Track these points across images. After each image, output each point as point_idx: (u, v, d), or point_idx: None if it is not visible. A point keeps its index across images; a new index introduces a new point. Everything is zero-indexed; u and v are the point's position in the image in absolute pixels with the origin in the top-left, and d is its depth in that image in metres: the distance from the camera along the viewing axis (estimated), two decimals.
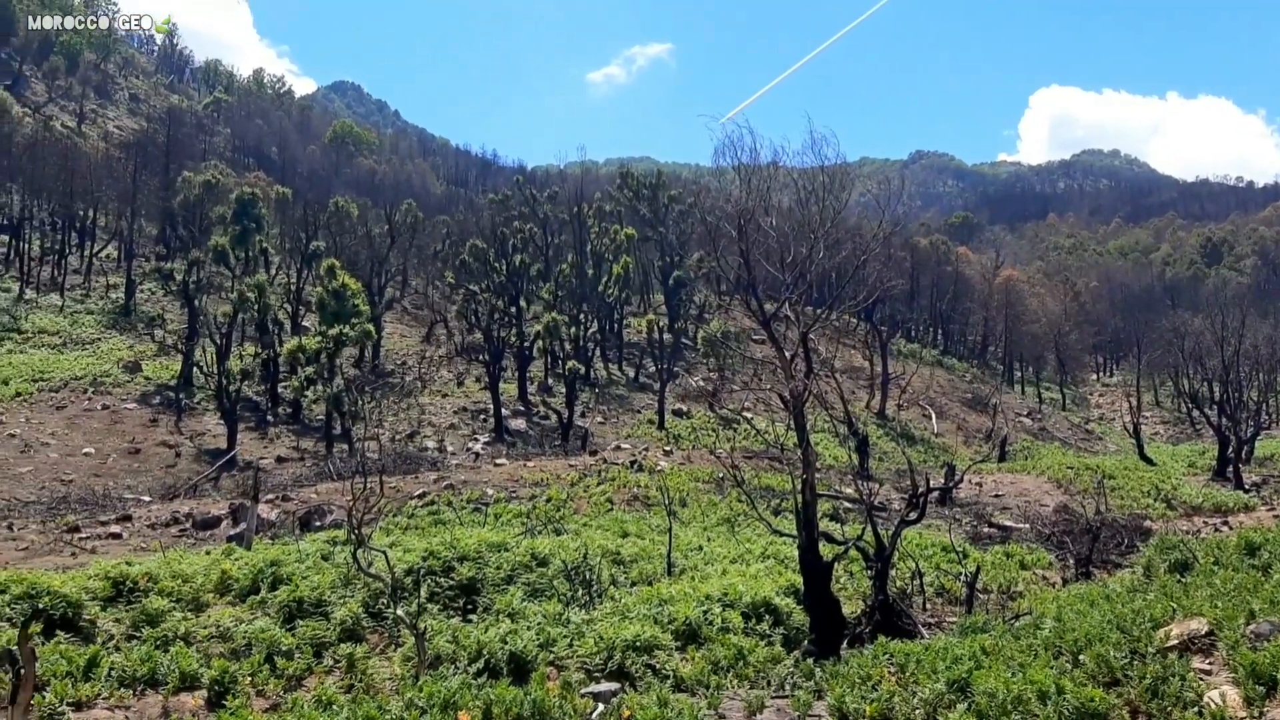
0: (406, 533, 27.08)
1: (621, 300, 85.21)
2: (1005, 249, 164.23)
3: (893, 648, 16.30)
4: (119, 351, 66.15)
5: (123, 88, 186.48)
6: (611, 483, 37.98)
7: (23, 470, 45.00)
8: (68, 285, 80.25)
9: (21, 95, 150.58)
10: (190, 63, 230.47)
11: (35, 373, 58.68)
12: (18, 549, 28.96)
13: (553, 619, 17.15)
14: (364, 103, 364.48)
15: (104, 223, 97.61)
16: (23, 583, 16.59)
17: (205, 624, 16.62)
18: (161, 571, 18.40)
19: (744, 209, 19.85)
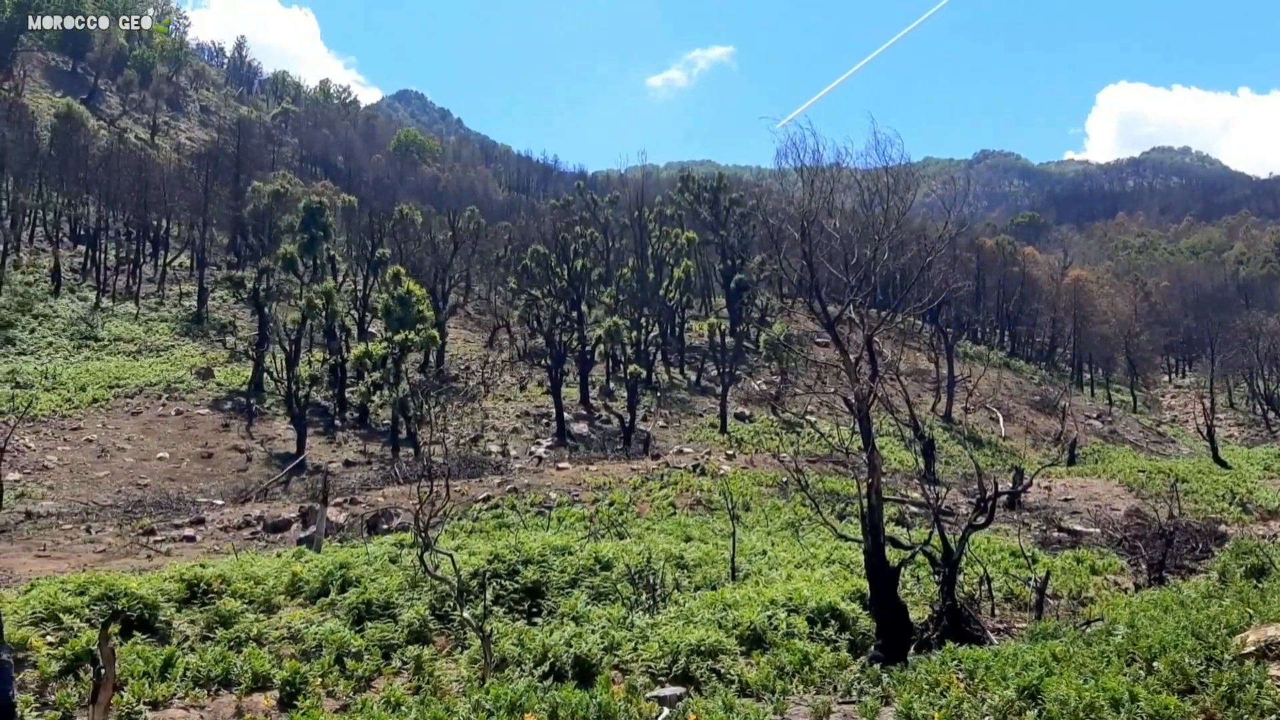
0: (471, 536, 27.30)
1: (683, 304, 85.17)
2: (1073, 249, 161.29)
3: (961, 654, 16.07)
4: (192, 358, 67.61)
5: (194, 100, 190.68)
6: (674, 486, 37.94)
7: (100, 475, 46.18)
8: (142, 294, 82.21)
9: (97, 108, 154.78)
10: (259, 74, 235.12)
11: (112, 379, 60.16)
12: (96, 551, 29.70)
13: (617, 622, 17.16)
14: (427, 111, 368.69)
15: (177, 232, 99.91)
16: (101, 584, 17.01)
17: (277, 625, 16.89)
18: (234, 574, 18.75)
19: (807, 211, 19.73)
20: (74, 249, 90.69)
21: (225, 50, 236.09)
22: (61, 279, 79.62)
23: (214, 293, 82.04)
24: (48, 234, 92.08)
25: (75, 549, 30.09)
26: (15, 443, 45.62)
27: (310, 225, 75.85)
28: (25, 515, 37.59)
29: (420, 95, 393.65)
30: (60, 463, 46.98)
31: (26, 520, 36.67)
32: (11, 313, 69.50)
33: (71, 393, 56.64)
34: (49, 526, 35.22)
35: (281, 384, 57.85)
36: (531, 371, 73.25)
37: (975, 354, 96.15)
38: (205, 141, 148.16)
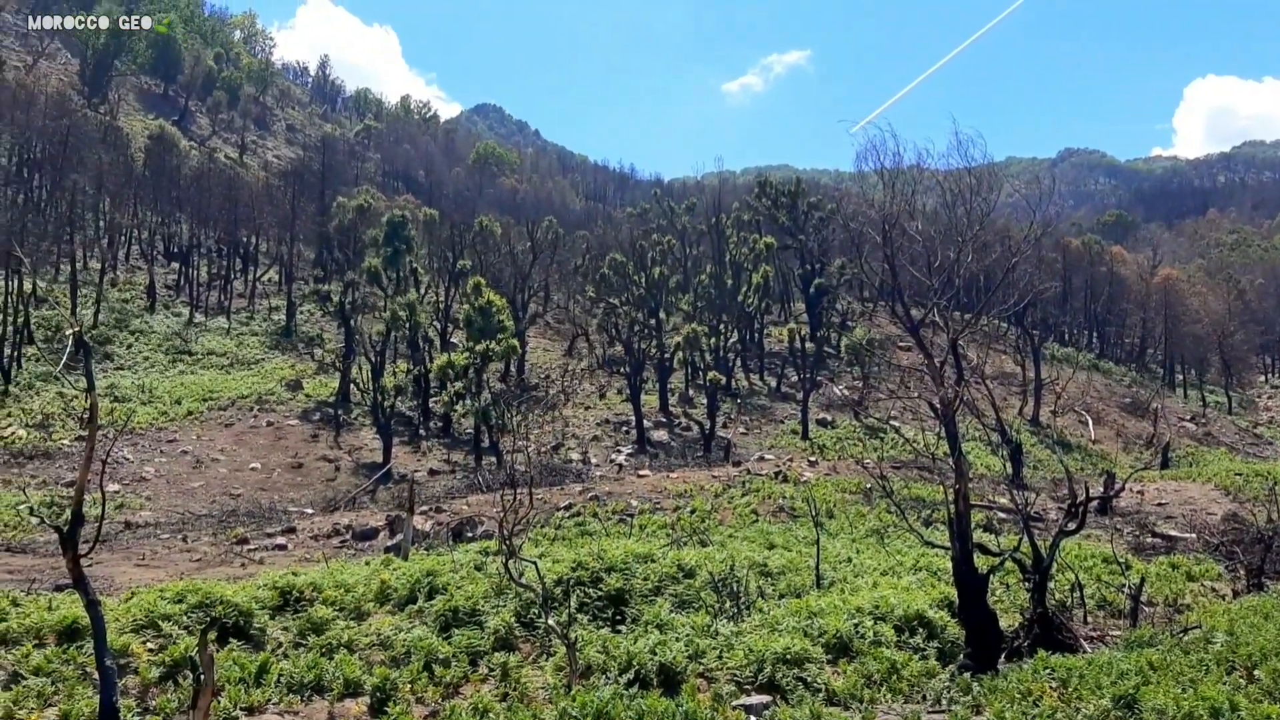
0: (554, 544, 27.45)
1: (761, 310, 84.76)
2: (1162, 247, 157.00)
3: (1054, 662, 15.74)
4: (281, 370, 69.22)
5: (280, 119, 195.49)
6: (756, 494, 37.74)
7: (195, 485, 47.49)
8: (233, 309, 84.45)
9: (188, 129, 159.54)
10: (342, 92, 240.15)
11: (205, 392, 61.88)
12: (192, 560, 30.51)
13: (701, 630, 17.12)
14: (505, 124, 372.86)
15: (265, 248, 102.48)
16: (198, 592, 17.46)
17: (366, 632, 17.17)
18: (325, 581, 19.10)
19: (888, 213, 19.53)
20: (168, 266, 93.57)
21: (309, 69, 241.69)
22: (156, 296, 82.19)
23: (302, 306, 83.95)
24: (143, 252, 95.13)
25: (172, 558, 30.95)
26: (115, 455, 47.17)
27: (393, 239, 77.15)
28: (125, 525, 38.81)
29: (498, 108, 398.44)
30: (157, 474, 48.43)
31: (126, 530, 37.85)
32: (110, 329, 71.91)
33: (167, 406, 58.38)
34: (147, 536, 36.30)
35: (367, 395, 58.94)
36: (611, 379, 73.54)
37: (1063, 356, 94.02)
38: (291, 159, 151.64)
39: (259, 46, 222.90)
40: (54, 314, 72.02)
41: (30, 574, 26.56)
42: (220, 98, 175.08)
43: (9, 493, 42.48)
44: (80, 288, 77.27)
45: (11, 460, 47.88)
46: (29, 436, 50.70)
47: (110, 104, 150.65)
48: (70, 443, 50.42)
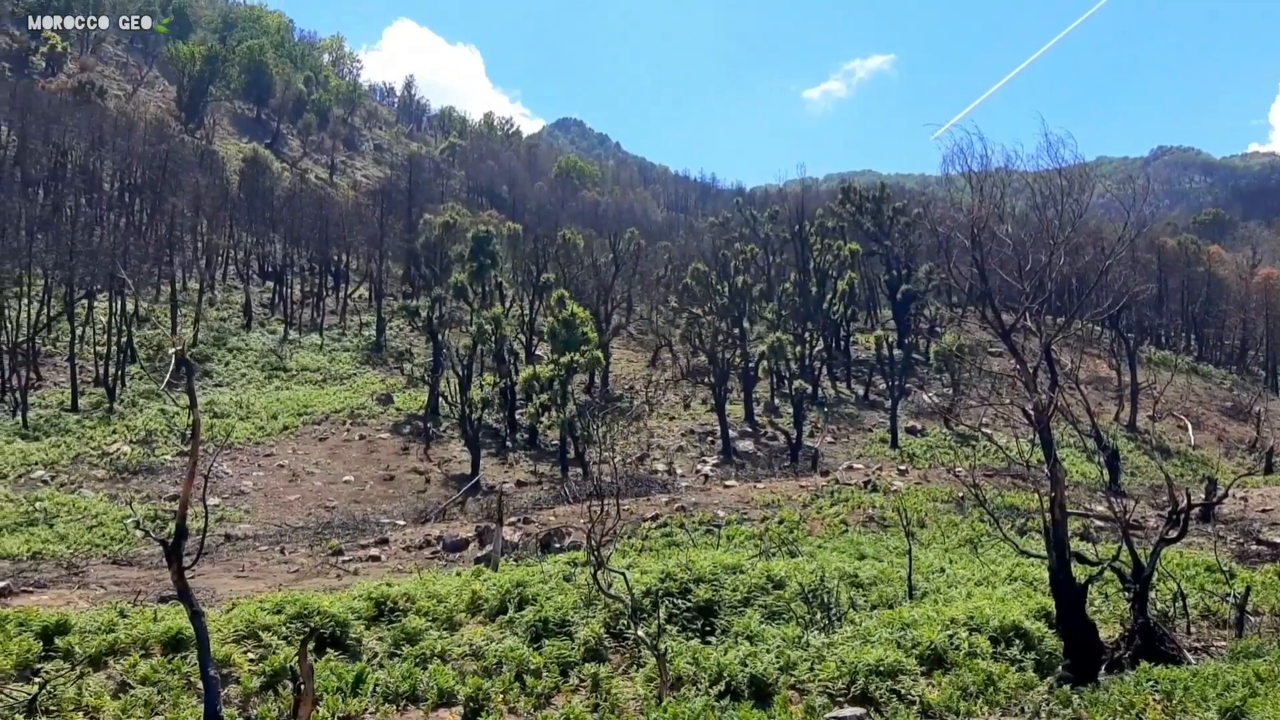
0: (642, 554, 27.48)
1: (847, 317, 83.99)
2: (1262, 246, 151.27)
3: (1156, 674, 15.30)
4: (372, 385, 70.59)
5: (368, 139, 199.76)
6: (845, 503, 37.33)
7: (291, 498, 48.62)
8: (326, 325, 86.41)
9: (280, 152, 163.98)
10: (427, 111, 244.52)
11: (300, 407, 63.37)
12: (289, 571, 31.20)
13: (792, 642, 16.97)
14: (586, 137, 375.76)
15: (356, 265, 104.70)
16: (296, 603, 17.84)
17: (459, 642, 17.35)
18: (418, 592, 19.37)
19: (977, 217, 19.18)
20: (263, 285, 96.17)
21: (395, 90, 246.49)
22: (252, 314, 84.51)
23: (391, 322, 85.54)
24: (239, 272, 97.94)
25: (271, 569, 31.69)
26: (215, 470, 48.55)
27: (478, 254, 78.17)
28: (225, 538, 39.89)
29: (579, 122, 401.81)
30: (255, 487, 49.71)
31: (226, 542, 38.89)
32: (208, 347, 74.09)
33: (264, 421, 59.91)
34: (246, 548, 37.25)
35: (455, 408, 59.81)
36: (695, 389, 73.46)
37: (1160, 360, 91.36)
38: (379, 178, 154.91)
39: (347, 69, 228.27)
40: (156, 333, 74.53)
41: (136, 586, 27.46)
42: (310, 120, 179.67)
43: (115, 507, 43.98)
44: (180, 307, 79.83)
45: (117, 475, 49.56)
46: (133, 452, 52.44)
47: (206, 129, 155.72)
48: (172, 458, 52.01)
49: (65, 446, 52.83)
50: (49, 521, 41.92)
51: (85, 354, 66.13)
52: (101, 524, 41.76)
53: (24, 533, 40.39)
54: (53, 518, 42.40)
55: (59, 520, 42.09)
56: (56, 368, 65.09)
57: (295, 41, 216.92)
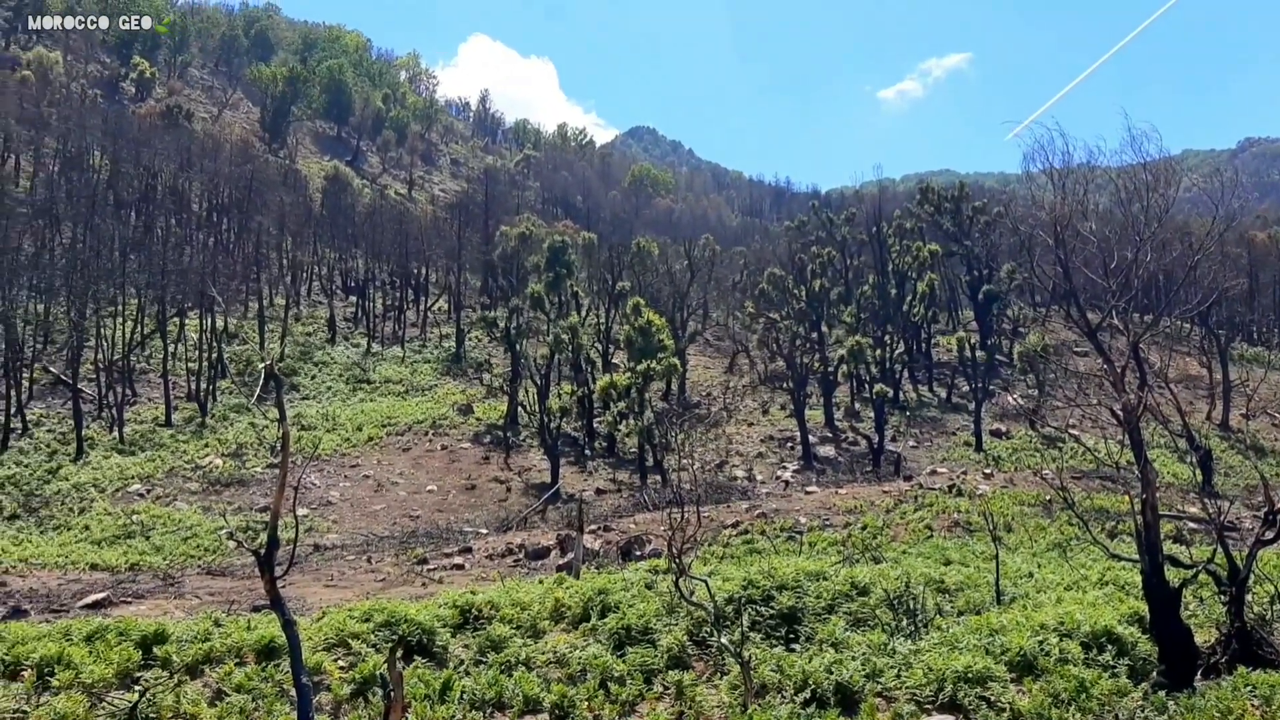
0: (723, 562, 27.39)
1: (928, 319, 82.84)
2: None
3: (1255, 679, 14.84)
4: (453, 396, 71.52)
5: (444, 153, 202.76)
6: (929, 508, 36.81)
7: (377, 508, 49.47)
8: (407, 337, 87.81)
9: (360, 169, 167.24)
10: (502, 124, 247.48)
11: (383, 418, 64.47)
12: (376, 580, 31.75)
13: (878, 649, 16.77)
14: (659, 145, 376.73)
15: (435, 278, 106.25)
16: (384, 612, 18.15)
17: (543, 650, 17.48)
18: (502, 600, 19.56)
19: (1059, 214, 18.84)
20: (346, 300, 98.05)
21: (470, 104, 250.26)
22: (336, 328, 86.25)
23: (470, 333, 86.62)
24: (323, 287, 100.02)
25: (358, 578, 32.27)
26: (304, 481, 49.62)
27: (554, 264, 78.77)
28: (314, 548, 40.72)
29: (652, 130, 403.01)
30: (342, 498, 50.68)
31: (315, 552, 39.70)
32: (295, 361, 75.77)
33: (349, 432, 61.07)
34: (335, 558, 37.98)
35: (534, 417, 60.32)
36: (773, 395, 73.07)
37: (1253, 356, 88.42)
38: (456, 192, 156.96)
39: (423, 85, 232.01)
40: (245, 349, 76.46)
41: (229, 595, 28.16)
42: (389, 137, 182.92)
43: (208, 519, 45.21)
44: (267, 323, 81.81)
45: (209, 488, 50.94)
46: (225, 465, 53.84)
47: (289, 148, 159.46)
48: (262, 470, 53.28)
49: (160, 461, 54.47)
50: (146, 534, 43.31)
51: (178, 370, 68.12)
52: (195, 535, 42.98)
53: (122, 545, 41.76)
54: (149, 530, 43.79)
55: (155, 532, 43.45)
56: (151, 384, 67.11)
57: (373, 60, 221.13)
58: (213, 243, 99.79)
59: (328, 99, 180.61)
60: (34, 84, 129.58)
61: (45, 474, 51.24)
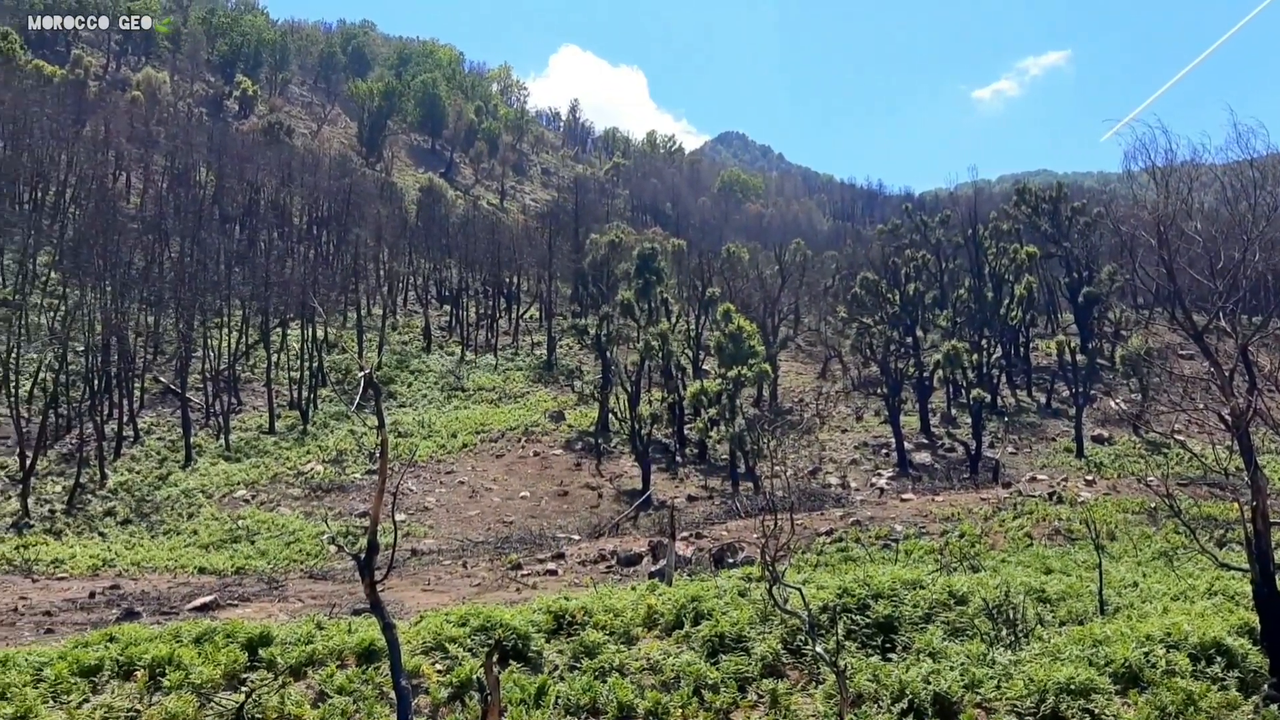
0: (817, 570, 27.18)
1: (1026, 322, 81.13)
2: None
3: None
4: (545, 403, 72.23)
5: (535, 163, 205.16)
6: (1029, 516, 36.01)
7: (471, 514, 50.20)
8: (500, 346, 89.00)
9: (453, 180, 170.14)
10: (591, 133, 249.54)
11: (477, 425, 65.43)
12: (472, 585, 32.20)
13: (977, 659, 16.48)
14: (749, 150, 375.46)
15: (526, 287, 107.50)
16: (480, 616, 18.41)
17: (637, 656, 17.54)
18: (595, 606, 19.67)
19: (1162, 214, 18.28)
20: (440, 309, 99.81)
21: (561, 114, 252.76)
22: (431, 337, 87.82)
23: (561, 341, 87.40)
24: (418, 297, 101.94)
25: (454, 583, 32.78)
26: (401, 487, 50.60)
27: (644, 271, 79.08)
28: (411, 553, 41.49)
29: (741, 135, 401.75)
30: (438, 503, 51.56)
31: (412, 557, 40.45)
32: (392, 370, 77.35)
33: (444, 439, 62.11)
34: (431, 562, 38.64)
35: (625, 423, 60.61)
36: (867, 401, 72.25)
37: None
38: (547, 201, 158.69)
39: (515, 97, 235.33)
40: (344, 358, 78.28)
41: (331, 599, 28.85)
42: (481, 148, 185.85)
43: (310, 524, 46.38)
44: (365, 332, 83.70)
45: (311, 494, 52.26)
46: (325, 471, 55.19)
47: (385, 162, 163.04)
48: (361, 476, 54.48)
49: (264, 467, 56.07)
50: (251, 538, 44.61)
51: (280, 379, 70.05)
52: (298, 540, 44.13)
53: (228, 549, 43.08)
54: (254, 535, 45.09)
55: (259, 537, 44.72)
56: (255, 392, 69.15)
57: (466, 73, 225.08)
58: (313, 255, 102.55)
59: (422, 112, 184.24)
60: (143, 104, 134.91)
61: (156, 480, 53.15)
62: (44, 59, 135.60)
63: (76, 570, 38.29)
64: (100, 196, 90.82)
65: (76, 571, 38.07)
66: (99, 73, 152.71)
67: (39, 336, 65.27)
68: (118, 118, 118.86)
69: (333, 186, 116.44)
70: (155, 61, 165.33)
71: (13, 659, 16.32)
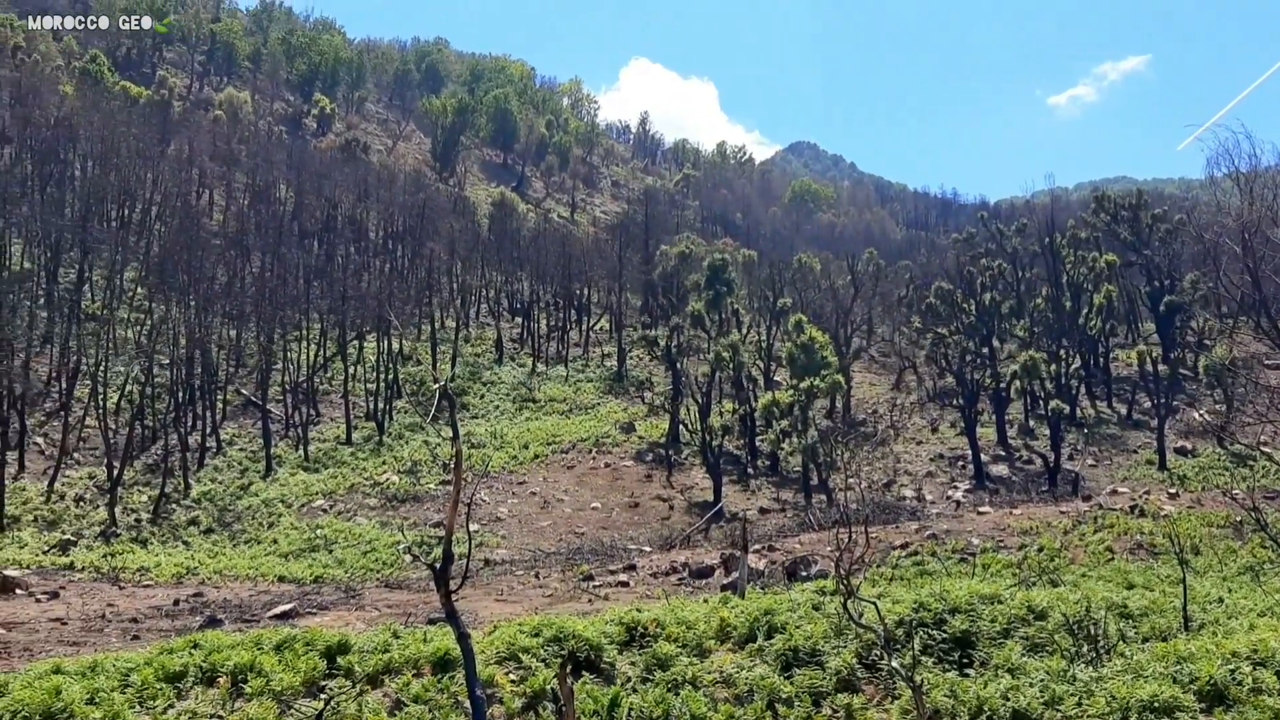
0: (892, 583, 26.89)
1: (1106, 332, 79.40)
2: None
3: None
4: (615, 414, 72.46)
5: (605, 176, 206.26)
6: (1110, 530, 35.22)
7: (543, 524, 50.53)
8: (570, 357, 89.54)
9: (525, 194, 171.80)
10: (661, 145, 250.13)
11: (548, 436, 65.87)
12: (544, 595, 32.40)
13: (1057, 675, 16.15)
14: (820, 159, 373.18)
15: (596, 299, 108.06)
16: (552, 627, 18.49)
17: (709, 669, 17.48)
18: (667, 618, 19.65)
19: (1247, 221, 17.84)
20: (512, 321, 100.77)
21: (630, 127, 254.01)
22: (503, 349, 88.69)
23: (631, 352, 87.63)
24: (490, 309, 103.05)
25: (527, 593, 33.01)
26: (474, 497, 51.12)
27: (714, 282, 78.98)
28: (484, 563, 41.93)
29: (812, 145, 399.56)
30: (510, 514, 52.00)
31: (485, 567, 40.86)
32: (465, 381, 78.26)
33: (516, 450, 62.64)
34: (504, 573, 38.96)
35: (696, 435, 60.51)
36: (943, 412, 71.27)
37: None
38: (617, 213, 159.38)
39: (585, 110, 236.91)
40: (418, 370, 79.39)
41: (406, 608, 29.23)
42: (552, 161, 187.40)
43: (386, 533, 47.09)
44: (439, 345, 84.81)
45: (387, 504, 53.07)
46: (401, 482, 56.01)
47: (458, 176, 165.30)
48: (435, 487, 55.18)
49: (341, 477, 57.10)
50: (329, 547, 45.46)
51: (357, 391, 71.31)
52: (374, 549, 44.85)
53: (307, 558, 43.94)
54: (332, 544, 45.94)
55: (337, 546, 45.55)
56: (332, 404, 70.47)
57: (537, 88, 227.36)
58: (388, 269, 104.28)
59: (494, 127, 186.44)
60: (225, 123, 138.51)
61: (238, 490, 54.43)
62: (131, 81, 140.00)
63: (161, 578, 39.36)
64: (184, 214, 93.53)
65: (161, 579, 39.12)
66: (183, 93, 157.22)
67: (126, 350, 67.29)
68: (201, 137, 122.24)
69: (407, 201, 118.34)
70: (237, 81, 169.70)
71: (101, 664, 16.78)
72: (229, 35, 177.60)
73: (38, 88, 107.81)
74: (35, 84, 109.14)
